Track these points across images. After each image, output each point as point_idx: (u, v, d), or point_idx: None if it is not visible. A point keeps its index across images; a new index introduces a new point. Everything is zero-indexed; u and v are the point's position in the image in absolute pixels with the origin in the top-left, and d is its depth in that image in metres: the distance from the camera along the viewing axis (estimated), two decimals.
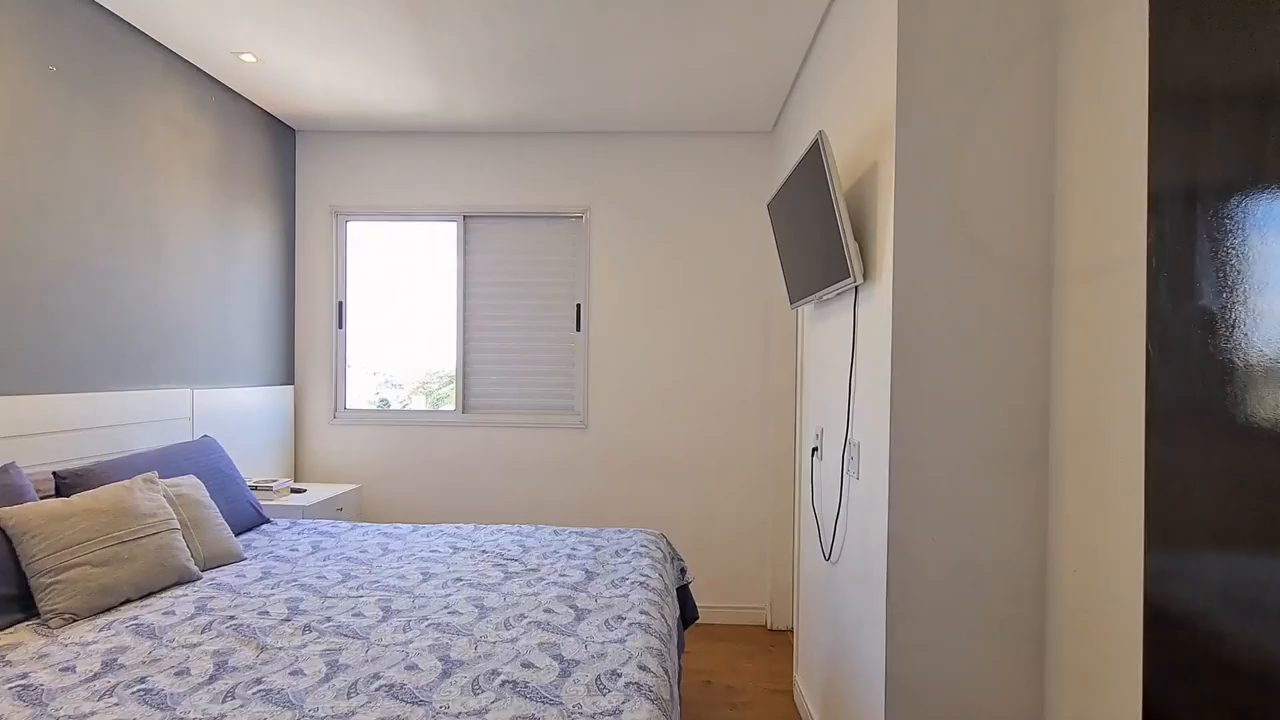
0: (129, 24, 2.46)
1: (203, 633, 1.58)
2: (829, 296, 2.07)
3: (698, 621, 2.83)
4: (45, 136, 2.14)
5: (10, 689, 1.29)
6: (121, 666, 1.40)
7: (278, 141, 3.46)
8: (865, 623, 1.78)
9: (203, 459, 2.46)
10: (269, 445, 3.36)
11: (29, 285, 2.08)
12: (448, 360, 3.67)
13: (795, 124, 2.91)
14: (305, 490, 3.20)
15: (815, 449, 2.40)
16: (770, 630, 3.42)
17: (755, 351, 3.51)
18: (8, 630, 1.56)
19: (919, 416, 1.61)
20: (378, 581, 1.96)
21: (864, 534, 1.81)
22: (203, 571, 2.02)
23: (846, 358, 2.02)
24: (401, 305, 3.71)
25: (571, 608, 1.76)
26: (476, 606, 1.75)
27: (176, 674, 1.37)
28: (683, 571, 2.56)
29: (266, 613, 1.70)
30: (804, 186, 1.97)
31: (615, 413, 3.55)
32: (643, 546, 2.35)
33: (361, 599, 1.81)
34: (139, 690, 1.30)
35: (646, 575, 2.03)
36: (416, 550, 2.32)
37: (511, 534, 2.53)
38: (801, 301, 2.35)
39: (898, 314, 1.62)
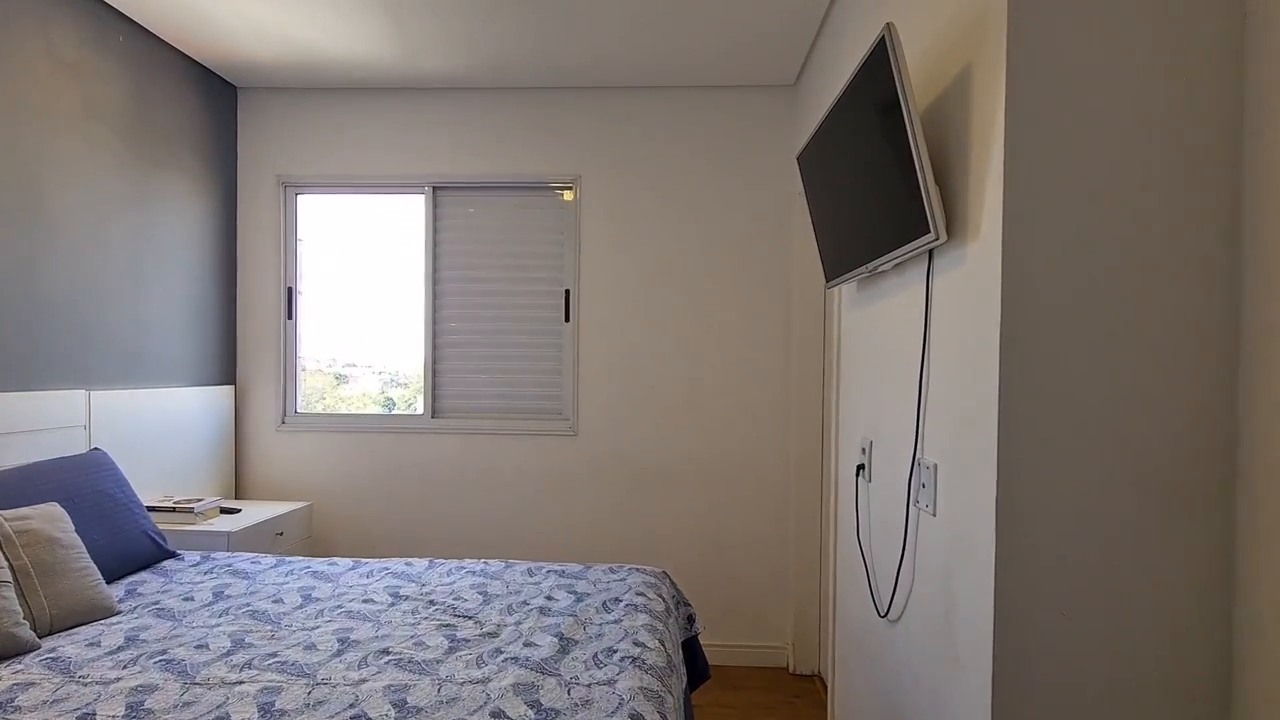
0: None
1: None
2: (885, 267, 1.54)
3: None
4: None
5: None
6: None
7: (213, 99, 2.94)
8: (949, 708, 1.25)
9: (80, 479, 1.93)
10: (201, 457, 2.85)
11: None
12: (414, 356, 3.14)
13: (827, 70, 2.37)
14: (239, 510, 2.68)
15: (861, 467, 1.87)
16: (794, 675, 2.89)
17: (775, 344, 2.98)
18: None
19: (1039, 433, 1.08)
20: (274, 656, 1.43)
21: (946, 592, 1.28)
22: (43, 638, 1.50)
23: (912, 349, 1.49)
24: (362, 293, 3.18)
25: (532, 706, 1.23)
26: (396, 706, 1.22)
27: None
28: (690, 620, 2.03)
29: (90, 716, 1.18)
30: (858, 114, 1.43)
31: (609, 417, 3.02)
32: (639, 594, 1.82)
33: (240, 688, 1.29)
34: None
35: (643, 645, 1.49)
36: (347, 598, 1.80)
37: (474, 574, 2.00)
38: (841, 279, 1.82)
39: (1009, 287, 1.09)
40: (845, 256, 1.73)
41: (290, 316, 3.15)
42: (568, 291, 3.06)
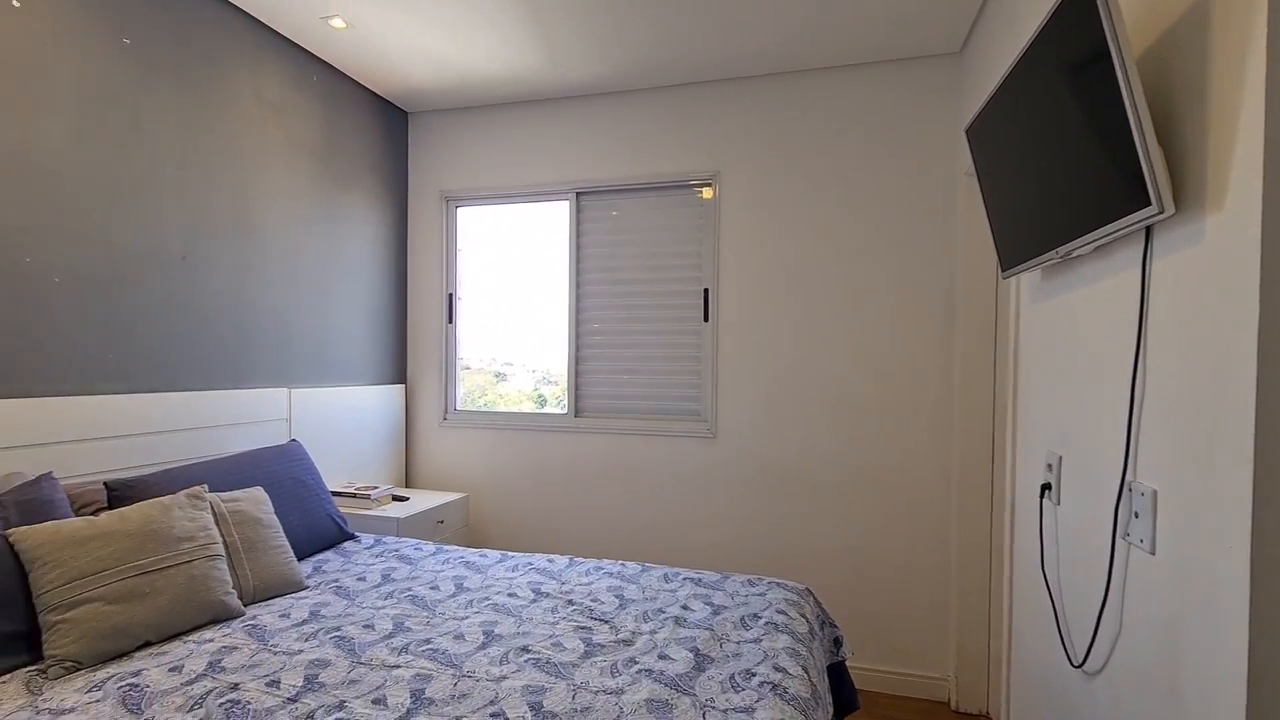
0: None
1: (190, 711, 1.22)
2: (1082, 251, 1.28)
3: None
4: (120, 114, 1.97)
5: None
6: None
7: (388, 124, 3.25)
8: None
9: (279, 467, 2.21)
10: (377, 449, 3.16)
11: (96, 275, 1.92)
12: (562, 356, 3.25)
13: (1000, 30, 2.06)
14: (407, 499, 2.94)
15: (1046, 487, 1.59)
16: (957, 712, 2.58)
17: (935, 342, 2.68)
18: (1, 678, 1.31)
19: None
20: (428, 643, 1.52)
21: (1169, 648, 1.03)
22: (247, 606, 1.72)
23: (1120, 348, 1.22)
24: (515, 296, 3.36)
25: None
26: (532, 709, 1.23)
27: None
28: (837, 643, 1.87)
29: (276, 684, 1.32)
30: (1047, 71, 1.21)
31: (750, 419, 2.90)
32: (780, 612, 1.70)
33: (396, 672, 1.37)
34: None
35: (784, 671, 1.38)
36: (494, 591, 1.87)
37: (611, 575, 2.00)
38: (1022, 267, 1.56)
39: (1272, 269, 0.84)
40: (1028, 240, 1.48)
41: (450, 320, 3.40)
42: (706, 291, 2.98)
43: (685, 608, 1.74)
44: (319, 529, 2.22)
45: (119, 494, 1.76)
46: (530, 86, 3.04)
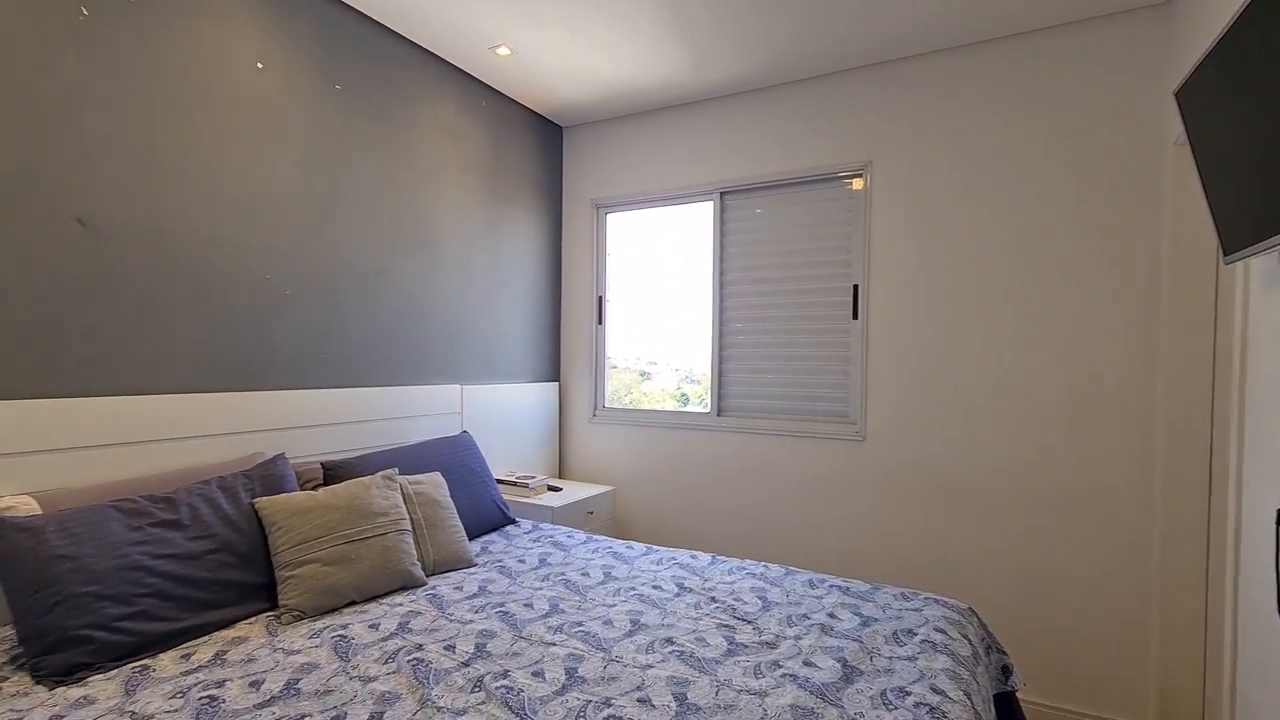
0: (401, 36, 2.59)
1: (385, 663, 1.41)
2: None
3: None
4: (332, 149, 2.32)
5: (200, 698, 1.25)
6: (296, 694, 1.28)
7: (545, 139, 3.49)
8: None
9: (454, 455, 2.47)
10: (534, 441, 3.41)
11: (315, 288, 2.27)
12: (705, 355, 3.28)
13: None
14: (561, 489, 3.14)
15: None
16: None
17: (1132, 337, 2.34)
18: (247, 620, 1.61)
19: None
20: (580, 626, 1.62)
21: None
22: (428, 577, 1.95)
23: None
24: (659, 297, 3.45)
25: None
26: (677, 699, 1.27)
27: (334, 719, 1.19)
28: (1006, 671, 1.71)
29: (452, 648, 1.48)
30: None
31: (902, 421, 2.73)
32: (939, 630, 1.59)
33: (552, 649, 1.49)
34: None
35: (943, 694, 1.30)
36: (639, 582, 1.95)
37: (754, 576, 2.00)
38: (1253, 249, 1.32)
39: None
40: (1260, 218, 1.25)
41: (600, 322, 3.57)
42: (856, 287, 2.85)
43: (832, 616, 1.69)
44: (485, 513, 2.45)
45: (332, 473, 2.09)
46: (674, 92, 3.10)
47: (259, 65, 2.07)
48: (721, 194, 3.18)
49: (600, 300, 3.57)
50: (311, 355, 2.26)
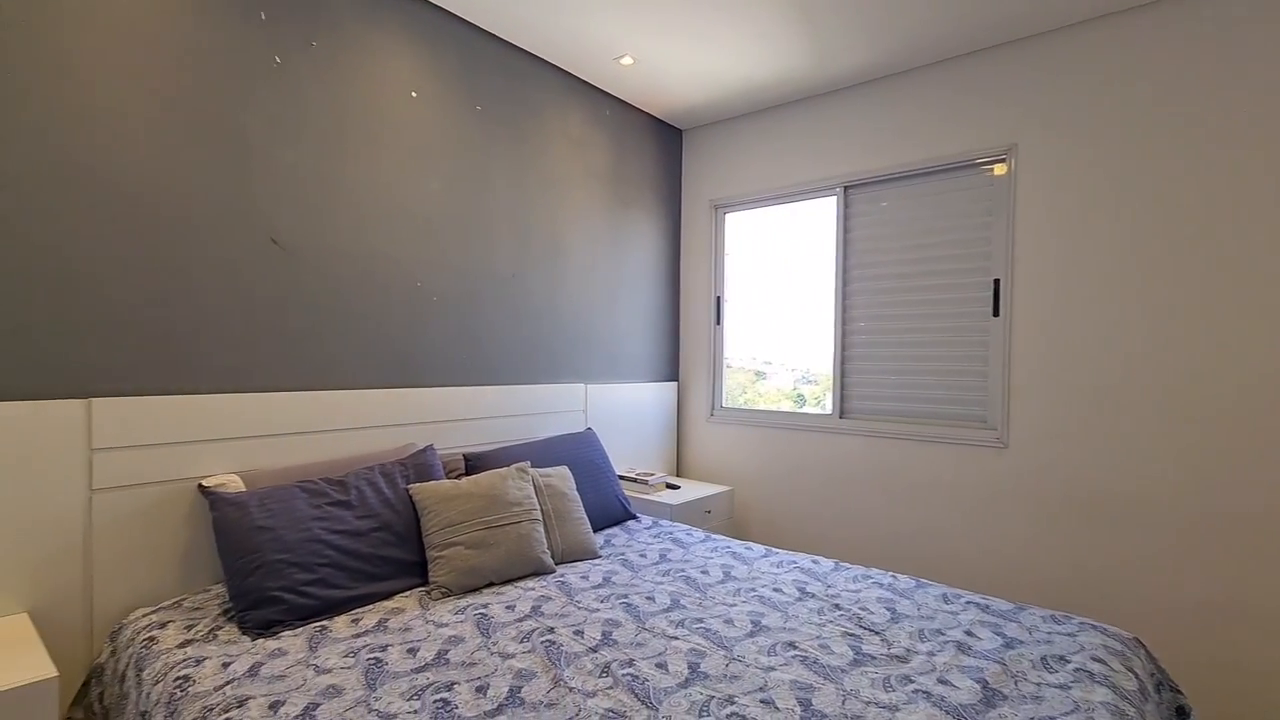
0: (533, 54, 2.75)
1: (521, 642, 1.52)
2: None
3: None
4: (474, 166, 2.52)
5: (368, 658, 1.42)
6: (445, 663, 1.42)
7: (665, 144, 3.55)
8: None
9: (580, 450, 2.59)
10: (654, 439, 3.49)
11: (458, 294, 2.48)
12: (824, 355, 3.19)
13: None
14: (679, 488, 3.19)
15: None
16: None
17: None
18: (403, 593, 1.80)
19: None
20: (701, 623, 1.65)
21: None
22: (557, 565, 2.07)
23: None
24: (775, 297, 3.40)
25: None
26: (801, 704, 1.26)
27: (476, 689, 1.31)
28: (1182, 713, 1.52)
29: (580, 634, 1.57)
30: None
31: (1051, 428, 2.49)
32: (1097, 660, 1.45)
33: (675, 643, 1.53)
34: (439, 700, 1.26)
35: None
36: (759, 584, 1.94)
37: (881, 586, 1.92)
38: None
39: None
40: None
41: (718, 322, 3.58)
42: (997, 281, 2.64)
43: (969, 634, 1.59)
44: (608, 507, 2.55)
45: (472, 464, 2.27)
46: (795, 86, 3.04)
47: (413, 94, 2.30)
48: (845, 188, 3.07)
49: (718, 300, 3.58)
50: (455, 356, 2.47)
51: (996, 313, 2.65)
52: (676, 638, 1.56)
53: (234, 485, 1.76)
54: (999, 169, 2.66)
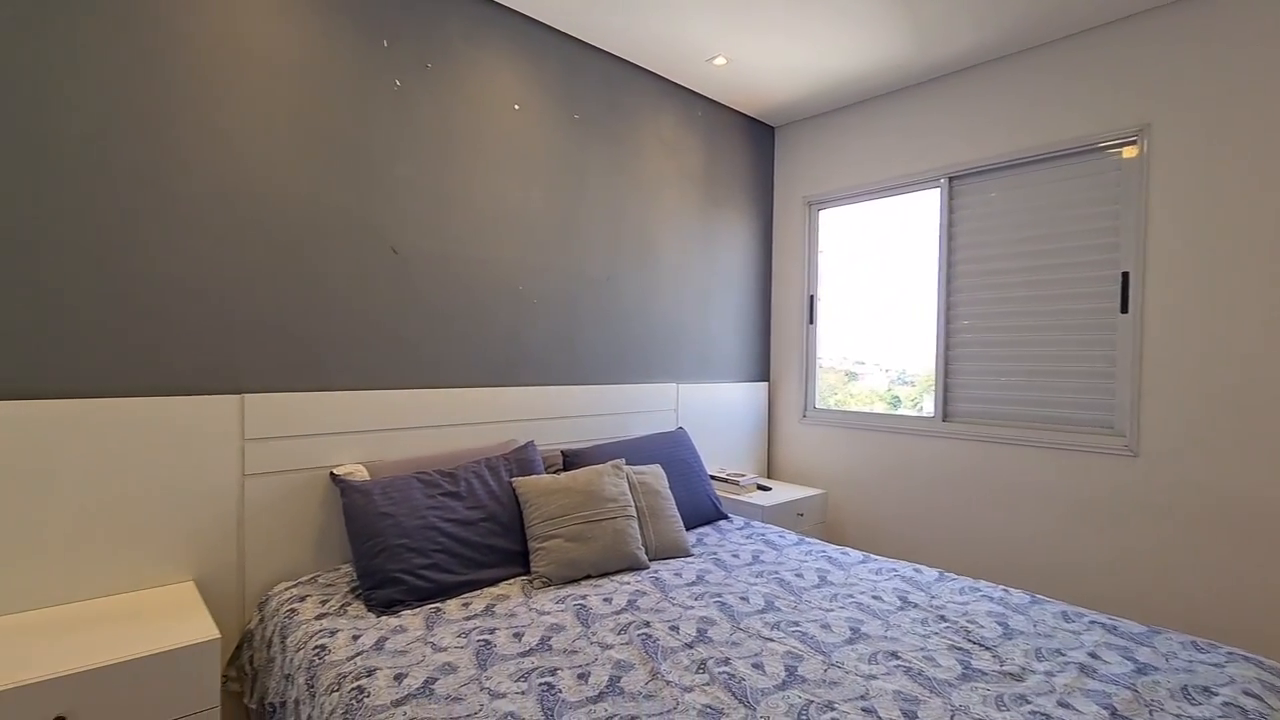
0: (627, 61, 2.82)
1: (619, 634, 1.57)
2: None
3: None
4: (572, 173, 2.62)
5: (478, 640, 1.52)
6: (549, 649, 1.49)
7: (757, 142, 3.52)
8: None
9: (672, 449, 2.63)
10: (744, 440, 3.47)
11: (556, 297, 2.58)
12: (922, 355, 3.05)
13: None
14: (770, 489, 3.16)
15: None
16: None
17: None
18: (508, 581, 1.90)
19: None
20: (796, 626, 1.64)
21: None
22: (650, 561, 2.11)
23: None
24: (869, 295, 3.29)
25: None
26: (905, 715, 1.23)
27: (578, 676, 1.37)
28: None
29: (676, 629, 1.60)
30: None
31: (1191, 436, 2.26)
32: (1250, 694, 1.31)
33: (770, 644, 1.52)
34: (544, 683, 1.33)
35: None
36: (857, 590, 1.90)
37: (991, 600, 1.82)
38: None
39: None
40: None
41: (811, 321, 3.51)
42: (1126, 275, 2.43)
43: (1094, 656, 1.48)
44: (699, 506, 2.57)
45: (570, 460, 2.36)
46: (894, 76, 2.92)
47: (516, 107, 2.41)
48: (950, 179, 2.92)
49: (811, 299, 3.50)
50: (552, 356, 2.57)
51: (1125, 308, 2.43)
52: (772, 639, 1.55)
53: (360, 474, 1.93)
54: (1129, 152, 2.44)
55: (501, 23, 2.37)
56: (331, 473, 1.93)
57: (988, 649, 1.52)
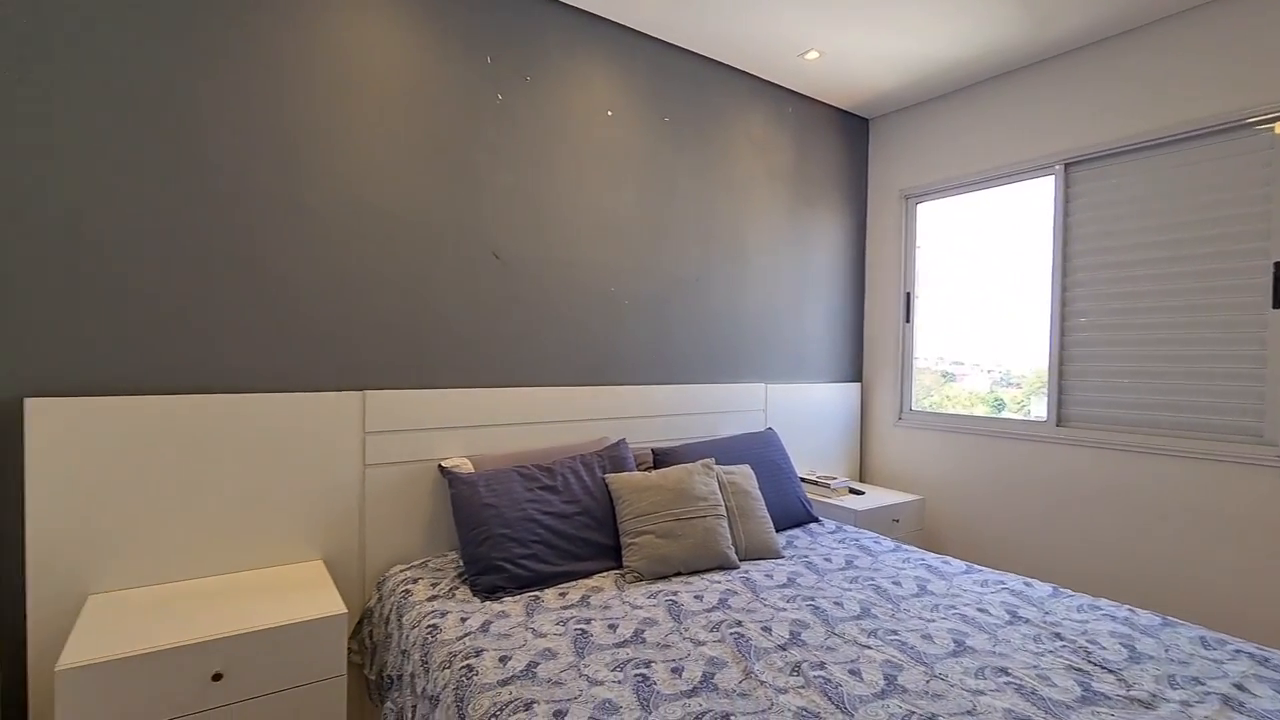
0: (717, 61, 2.82)
1: (711, 631, 1.59)
2: None
3: None
4: (661, 173, 2.66)
5: (575, 629, 1.58)
6: (642, 642, 1.52)
7: (850, 136, 3.42)
8: None
9: (761, 450, 2.61)
10: (834, 442, 3.38)
11: (647, 298, 2.63)
12: (1030, 354, 2.85)
13: None
14: (863, 493, 3.06)
15: None
16: None
17: None
18: (601, 574, 1.96)
19: None
20: (895, 634, 1.59)
21: None
22: (741, 561, 2.11)
23: None
24: (968, 291, 3.11)
25: None
26: None
27: (672, 670, 1.39)
28: None
29: (769, 630, 1.59)
30: None
31: None
32: None
33: (867, 651, 1.49)
34: (639, 675, 1.37)
35: None
36: (960, 601, 1.81)
37: (1115, 620, 1.69)
38: None
39: None
40: None
41: (907, 320, 3.36)
42: (1279, 265, 2.17)
43: (1239, 687, 1.34)
44: (789, 508, 2.53)
45: (660, 458, 2.39)
46: (1001, 59, 2.76)
47: (608, 113, 2.48)
48: (1066, 165, 2.72)
49: (908, 296, 3.36)
50: (643, 356, 2.62)
51: (1278, 303, 2.17)
52: (869, 647, 1.52)
53: (465, 467, 2.05)
54: None
55: (595, 32, 2.44)
56: (440, 465, 2.07)
57: (1111, 672, 1.41)
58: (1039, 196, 2.83)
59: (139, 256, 1.67)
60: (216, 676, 1.41)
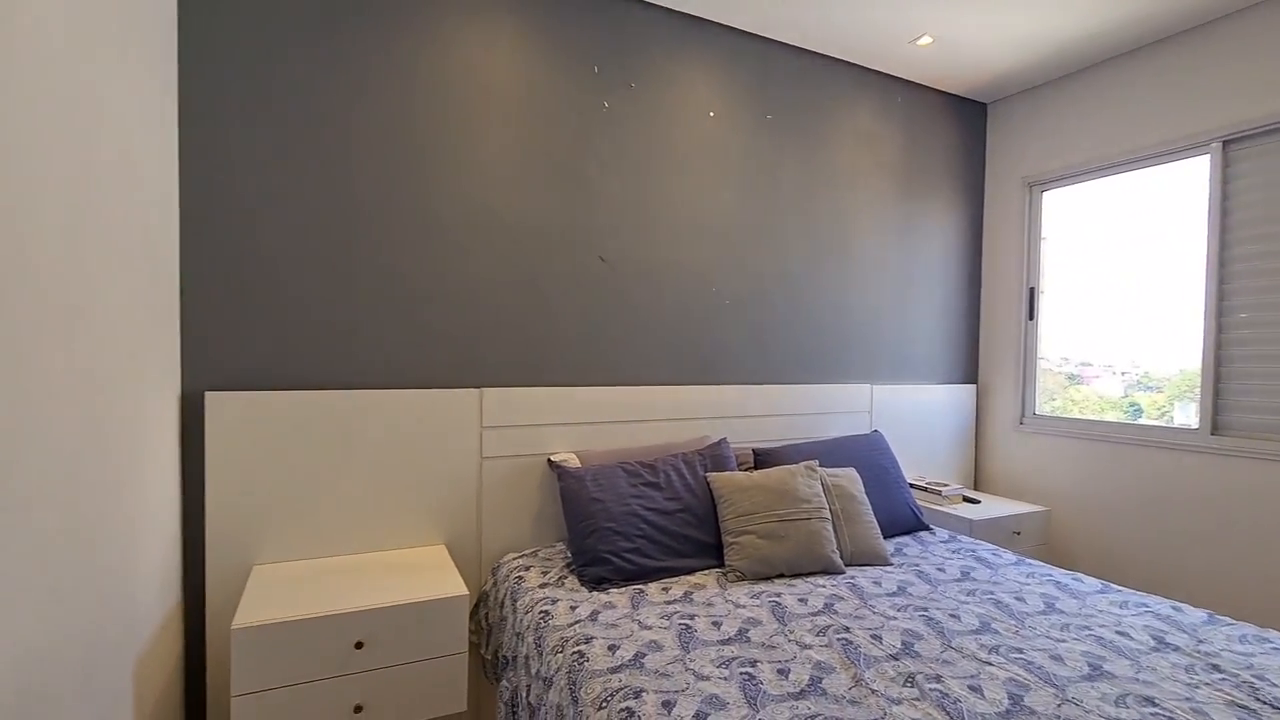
0: (822, 55, 2.76)
1: (817, 635, 1.56)
2: None
3: None
4: (763, 170, 2.64)
5: (680, 624, 1.61)
6: (747, 641, 1.53)
7: (965, 123, 3.23)
8: None
9: (867, 453, 2.52)
10: (946, 447, 3.20)
11: (748, 297, 2.62)
12: (1173, 355, 2.57)
13: None
14: (979, 502, 2.88)
15: None
16: None
17: None
18: (703, 571, 1.98)
19: None
20: (1019, 652, 1.49)
21: None
22: (846, 566, 2.06)
23: None
24: (1098, 286, 2.85)
25: None
26: None
27: (778, 671, 1.39)
28: None
29: (879, 639, 1.55)
30: None
31: None
32: None
33: (989, 668, 1.41)
34: (745, 673, 1.38)
35: None
36: (1096, 623, 1.67)
37: None
38: None
39: None
40: None
41: (1031, 317, 3.13)
42: None
43: None
44: (898, 514, 2.43)
45: (761, 458, 2.38)
46: (1138, 31, 2.50)
47: (710, 114, 2.49)
48: (1224, 142, 2.43)
49: (1031, 292, 3.12)
50: (744, 356, 2.61)
51: None
52: (990, 663, 1.44)
53: (573, 461, 2.14)
54: None
55: (698, 35, 2.46)
56: (549, 459, 2.17)
57: None
58: (1188, 180, 2.55)
59: (298, 266, 1.87)
60: (358, 644, 1.56)
